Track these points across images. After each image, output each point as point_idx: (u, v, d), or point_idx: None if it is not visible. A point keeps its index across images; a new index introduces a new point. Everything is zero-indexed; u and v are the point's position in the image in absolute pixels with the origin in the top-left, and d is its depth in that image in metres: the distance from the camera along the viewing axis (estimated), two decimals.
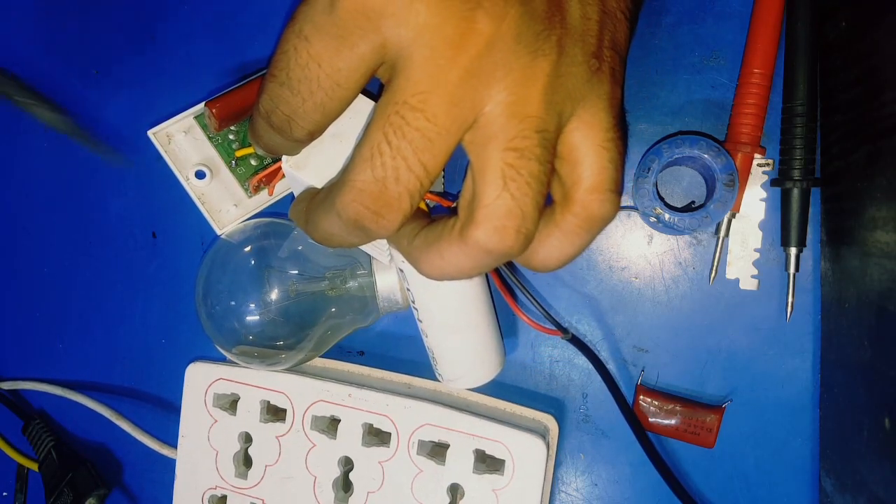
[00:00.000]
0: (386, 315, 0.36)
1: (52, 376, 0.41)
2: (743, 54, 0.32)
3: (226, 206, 0.35)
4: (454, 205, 0.30)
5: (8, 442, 0.41)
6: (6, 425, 0.41)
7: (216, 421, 0.35)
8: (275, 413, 0.35)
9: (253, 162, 0.35)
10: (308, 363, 0.36)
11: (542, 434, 0.31)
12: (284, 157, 0.29)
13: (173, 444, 0.37)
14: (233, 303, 0.33)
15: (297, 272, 0.33)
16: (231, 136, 0.35)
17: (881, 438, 0.26)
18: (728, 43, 0.32)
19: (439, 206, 0.32)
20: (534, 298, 0.32)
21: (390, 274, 0.33)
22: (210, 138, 0.34)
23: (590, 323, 0.35)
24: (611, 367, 0.34)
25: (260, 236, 0.34)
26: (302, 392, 0.34)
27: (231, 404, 0.36)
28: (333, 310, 0.33)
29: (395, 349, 0.37)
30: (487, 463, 0.33)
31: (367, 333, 0.37)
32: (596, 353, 0.34)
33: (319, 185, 0.29)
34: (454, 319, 0.31)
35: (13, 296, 0.42)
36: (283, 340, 0.33)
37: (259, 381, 0.34)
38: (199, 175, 0.34)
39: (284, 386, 0.34)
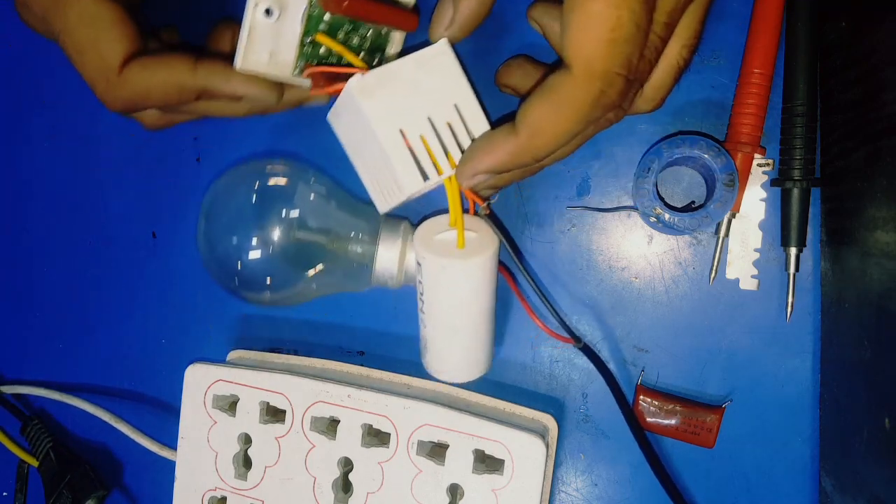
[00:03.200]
0: (384, 315, 0.36)
1: (51, 377, 0.41)
2: (743, 54, 0.32)
3: (264, 54, 0.31)
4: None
5: (9, 436, 0.41)
6: (6, 425, 0.41)
7: (216, 422, 0.35)
8: (274, 414, 0.35)
9: (321, 51, 0.32)
10: (307, 364, 0.36)
11: (542, 434, 0.31)
12: (355, 77, 0.28)
13: (173, 445, 0.36)
14: (235, 230, 0.33)
15: (303, 219, 0.33)
16: (326, 18, 0.31)
17: (881, 438, 0.26)
18: (728, 43, 0.32)
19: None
20: (550, 305, 0.32)
21: (393, 250, 0.33)
22: (311, 4, 0.31)
23: (590, 323, 0.34)
24: (611, 367, 0.34)
25: (276, 174, 0.34)
26: (301, 393, 0.34)
27: (230, 405, 0.36)
28: (328, 264, 0.34)
29: (394, 349, 0.37)
30: (487, 463, 0.33)
31: (367, 333, 0.37)
32: (605, 362, 0.34)
33: (373, 124, 0.28)
34: (456, 320, 0.31)
35: (13, 296, 0.42)
36: (271, 278, 0.33)
37: (258, 383, 0.34)
38: (268, 12, 0.30)
39: (284, 387, 0.34)
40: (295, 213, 0.33)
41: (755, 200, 0.32)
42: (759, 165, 0.32)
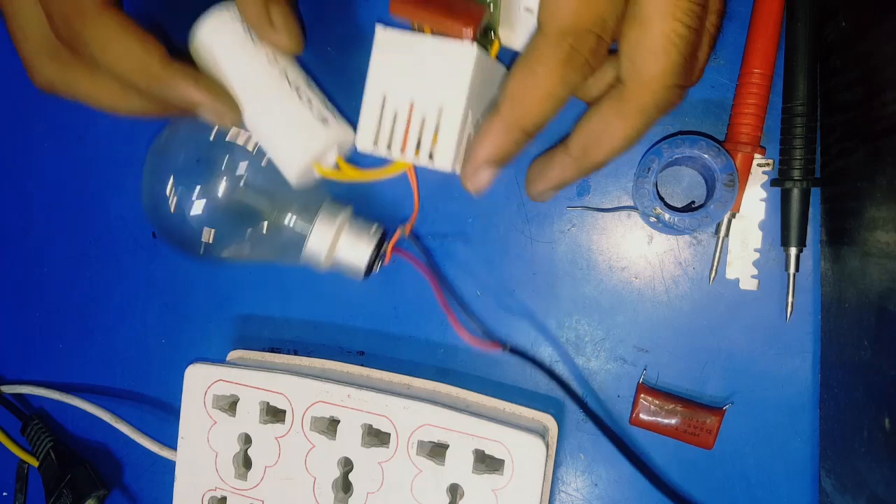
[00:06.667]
0: (384, 315, 0.36)
1: (52, 377, 0.41)
2: (743, 54, 0.32)
3: None
4: None
5: (9, 436, 0.41)
6: (6, 425, 0.41)
7: (216, 422, 0.35)
8: (274, 414, 0.35)
9: None
10: (307, 364, 0.36)
11: (542, 434, 0.31)
12: (380, 27, 0.28)
13: (173, 445, 0.36)
14: (181, 179, 0.32)
15: (250, 181, 0.32)
16: None
17: (881, 438, 0.26)
18: (728, 43, 0.32)
19: None
20: (468, 315, 0.33)
21: (327, 234, 0.33)
22: None
23: (590, 323, 0.35)
24: (611, 366, 0.34)
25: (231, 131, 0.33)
26: (301, 393, 0.34)
27: (230, 405, 0.36)
28: (262, 229, 0.33)
29: (394, 349, 0.37)
30: (487, 463, 0.33)
31: (367, 333, 0.37)
32: (537, 360, 0.34)
33: (369, 74, 0.28)
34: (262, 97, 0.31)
35: (13, 296, 0.42)
36: (208, 232, 0.32)
37: (258, 383, 0.34)
38: None
39: (284, 387, 0.34)
40: (242, 171, 0.32)
41: (755, 200, 0.32)
42: (759, 165, 0.32)
